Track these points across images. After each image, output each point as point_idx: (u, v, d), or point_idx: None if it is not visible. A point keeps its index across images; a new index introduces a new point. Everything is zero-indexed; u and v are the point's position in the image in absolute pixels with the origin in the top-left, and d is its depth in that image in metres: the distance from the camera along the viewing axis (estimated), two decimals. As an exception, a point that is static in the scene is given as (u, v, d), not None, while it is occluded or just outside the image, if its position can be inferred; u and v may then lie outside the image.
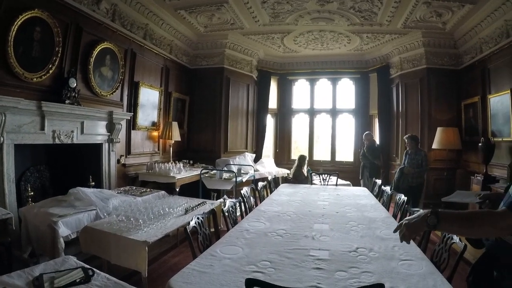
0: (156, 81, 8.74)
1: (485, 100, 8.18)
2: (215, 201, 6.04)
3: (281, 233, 3.63)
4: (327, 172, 8.64)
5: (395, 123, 11.09)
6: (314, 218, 4.41)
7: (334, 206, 5.25)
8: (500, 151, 7.51)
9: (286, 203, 5.34)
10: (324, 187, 7.66)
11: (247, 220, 4.12)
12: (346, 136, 12.83)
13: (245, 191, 5.24)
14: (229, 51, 10.33)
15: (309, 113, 12.76)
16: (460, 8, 7.50)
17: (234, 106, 10.79)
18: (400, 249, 3.20)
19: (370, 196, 6.35)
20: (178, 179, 7.48)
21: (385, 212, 4.94)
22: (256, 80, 11.75)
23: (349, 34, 9.58)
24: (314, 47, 10.89)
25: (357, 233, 3.76)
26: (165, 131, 8.73)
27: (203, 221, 3.41)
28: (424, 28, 8.91)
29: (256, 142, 11.90)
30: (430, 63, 9.65)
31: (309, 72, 12.42)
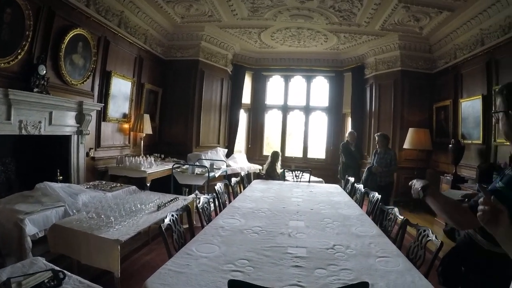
0: (129, 71, 8.48)
1: (457, 104, 8.57)
2: (187, 197, 5.88)
3: (257, 230, 3.55)
4: (299, 169, 8.63)
5: (367, 123, 11.27)
6: (289, 215, 4.37)
7: (308, 203, 5.23)
8: (469, 152, 7.84)
9: (260, 199, 5.28)
10: (297, 183, 7.65)
11: (222, 217, 4.02)
12: (318, 134, 12.86)
13: (219, 187, 5.13)
14: (205, 44, 10.16)
15: (282, 110, 12.73)
16: (438, 14, 7.82)
17: (207, 100, 10.63)
18: (376, 246, 3.24)
19: (343, 193, 6.39)
20: (149, 173, 7.31)
21: (359, 210, 4.96)
22: (230, 74, 11.64)
23: (327, 33, 9.59)
24: (290, 44, 10.86)
25: (333, 230, 3.74)
26: (136, 124, 8.50)
27: (178, 218, 3.30)
28: (401, 32, 9.08)
29: (229, 137, 11.79)
30: (404, 65, 9.89)
31: (284, 68, 12.39)
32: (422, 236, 3.13)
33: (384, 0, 7.30)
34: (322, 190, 6.67)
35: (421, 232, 3.17)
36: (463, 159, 7.84)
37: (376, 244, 3.30)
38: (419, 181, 2.34)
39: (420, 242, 3.11)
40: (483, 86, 7.50)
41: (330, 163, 12.28)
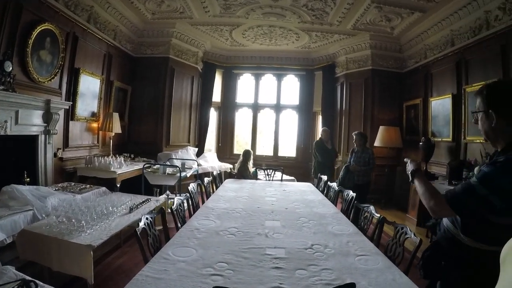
0: (98, 68, 8.23)
1: (427, 103, 8.84)
2: (159, 198, 5.76)
3: (233, 232, 3.48)
4: (271, 168, 8.62)
5: (338, 121, 11.37)
6: (264, 214, 4.31)
7: (283, 202, 5.19)
8: (439, 150, 8.07)
9: (233, 199, 5.20)
10: (269, 182, 7.62)
11: (196, 218, 3.92)
12: (289, 132, 12.93)
13: (192, 187, 4.99)
14: (175, 41, 10.02)
15: (253, 108, 12.72)
16: (409, 15, 8.00)
17: (177, 98, 10.49)
18: (354, 245, 3.23)
19: (316, 192, 6.38)
20: (119, 174, 7.13)
21: (333, 208, 4.95)
22: (201, 72, 11.52)
23: (299, 31, 9.60)
24: (262, 42, 10.84)
25: (310, 230, 3.71)
26: (105, 123, 8.27)
27: (152, 221, 3.19)
28: (372, 31, 9.21)
29: (199, 136, 11.68)
30: (375, 64, 10.06)
31: (255, 66, 12.37)
32: (400, 233, 3.14)
33: (357, 0, 7.36)
34: (295, 188, 6.64)
35: (399, 229, 3.19)
36: (433, 156, 8.03)
37: (354, 242, 3.29)
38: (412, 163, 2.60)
39: (398, 240, 3.11)
40: (453, 86, 7.71)
41: (301, 161, 12.40)
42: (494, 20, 6.36)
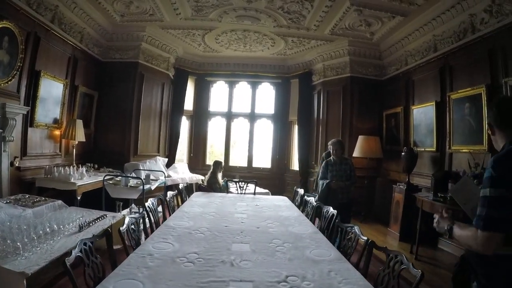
0: (62, 72, 7.64)
1: (408, 111, 8.67)
2: (116, 214, 5.17)
3: (192, 259, 2.91)
4: (244, 180, 8.05)
5: (315, 130, 11.11)
6: (232, 235, 3.75)
7: (254, 220, 4.65)
8: (422, 160, 7.81)
9: (199, 216, 4.63)
10: (241, 196, 7.04)
11: (152, 240, 3.34)
12: (264, 142, 12.63)
13: (151, 203, 4.40)
14: (145, 45, 9.53)
15: (226, 117, 12.38)
16: (390, 19, 7.80)
17: (147, 106, 9.95)
18: (337, 275, 2.73)
19: (292, 207, 5.89)
20: (79, 185, 6.54)
21: (311, 227, 4.45)
22: (172, 79, 11.05)
23: (274, 36, 9.33)
24: (236, 48, 10.50)
25: (284, 255, 3.18)
26: (68, 130, 7.67)
27: (92, 247, 2.63)
28: (351, 37, 9.04)
29: (169, 146, 11.18)
30: (354, 72, 9.88)
31: (229, 74, 12.04)
32: (394, 262, 2.68)
33: (335, 3, 7.12)
34: (269, 203, 6.13)
35: (392, 257, 2.73)
36: (416, 167, 7.71)
37: (337, 271, 2.79)
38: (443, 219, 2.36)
39: (392, 270, 2.65)
40: (437, 93, 7.54)
41: (276, 172, 12.13)
42: (480, 24, 6.22)
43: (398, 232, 7.48)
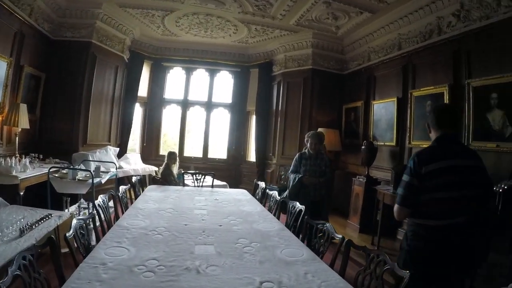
0: (5, 49, 6.83)
1: (369, 106, 8.86)
2: (63, 213, 4.49)
3: (152, 267, 2.55)
4: (201, 172, 7.66)
5: (273, 121, 10.99)
6: (193, 236, 3.40)
7: (215, 216, 4.34)
8: (381, 154, 8.00)
9: (155, 213, 4.23)
10: (198, 189, 6.66)
11: (104, 245, 2.90)
12: (220, 132, 12.36)
13: (101, 200, 3.90)
14: (100, 24, 8.79)
15: (182, 105, 11.94)
16: (358, 15, 7.84)
17: (98, 90, 9.20)
18: (315, 277, 2.54)
19: (253, 201, 5.63)
20: (22, 179, 5.77)
21: (277, 223, 4.20)
22: (127, 62, 10.38)
23: (238, 23, 9.03)
24: (196, 33, 10.09)
25: (254, 258, 2.90)
26: (10, 115, 6.87)
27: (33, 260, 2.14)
28: (316, 29, 9.02)
29: (121, 134, 10.52)
30: (316, 64, 9.87)
31: (187, 60, 11.55)
32: (376, 263, 2.55)
33: None
34: (229, 197, 5.83)
35: (374, 257, 2.59)
36: (376, 160, 7.85)
37: (314, 273, 2.60)
38: None
39: (375, 271, 2.51)
40: (398, 89, 7.73)
41: (232, 163, 11.93)
42: (446, 26, 6.46)
43: (358, 224, 7.62)
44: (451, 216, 2.82)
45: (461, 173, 2.86)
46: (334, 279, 2.53)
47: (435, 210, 2.85)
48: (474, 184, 2.88)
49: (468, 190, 2.84)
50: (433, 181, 2.82)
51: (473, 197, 2.86)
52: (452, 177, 2.83)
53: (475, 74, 5.87)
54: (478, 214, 2.94)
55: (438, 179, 2.82)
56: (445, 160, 2.87)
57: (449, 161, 2.88)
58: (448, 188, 2.81)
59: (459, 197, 2.81)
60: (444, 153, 2.94)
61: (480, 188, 2.93)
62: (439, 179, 2.82)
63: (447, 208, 2.82)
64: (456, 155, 2.94)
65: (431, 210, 2.85)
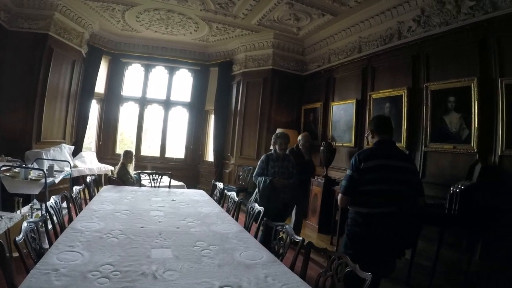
0: None
1: (328, 107, 9.02)
2: (15, 214, 4.21)
3: (107, 272, 2.44)
4: (158, 172, 7.45)
5: (232, 121, 10.97)
6: (150, 239, 3.29)
7: (173, 218, 4.24)
8: (340, 155, 8.16)
9: (110, 215, 4.09)
10: (155, 190, 6.50)
11: (57, 249, 2.76)
12: (178, 131, 12.29)
13: (54, 202, 3.73)
14: (59, 16, 8.46)
15: (140, 103, 11.71)
16: (320, 17, 7.97)
17: (54, 85, 8.81)
18: (275, 280, 2.53)
19: (211, 202, 5.57)
20: (-29, 179, 5.43)
21: (235, 224, 4.16)
22: (84, 57, 10.03)
23: (199, 20, 8.95)
24: (157, 29, 9.92)
25: (212, 261, 2.84)
26: None
27: None
28: (278, 30, 9.09)
29: (77, 132, 10.14)
30: (276, 65, 9.94)
31: (146, 56, 11.35)
32: (338, 264, 2.57)
33: None
34: (186, 198, 5.74)
35: (335, 259, 2.61)
36: (334, 161, 7.94)
37: (274, 276, 2.58)
38: None
39: (336, 273, 2.54)
40: (358, 91, 7.92)
41: (190, 163, 11.87)
42: (407, 31, 6.71)
43: (317, 224, 7.66)
44: (383, 206, 3.45)
45: (391, 171, 3.50)
46: (295, 281, 2.52)
47: (370, 200, 3.48)
48: (403, 182, 3.53)
49: (397, 185, 3.50)
50: (369, 176, 3.48)
51: (401, 192, 3.51)
52: (383, 174, 3.48)
53: (433, 78, 6.14)
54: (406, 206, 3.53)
55: (372, 174, 3.47)
56: (379, 159, 3.53)
57: (382, 160, 3.54)
58: (380, 182, 3.47)
59: (389, 190, 3.47)
60: (380, 153, 3.59)
61: (408, 185, 3.57)
62: (373, 174, 3.47)
63: (380, 198, 3.46)
64: (389, 156, 3.59)
65: (367, 200, 3.49)
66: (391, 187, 3.49)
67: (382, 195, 3.47)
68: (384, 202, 3.46)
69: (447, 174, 5.79)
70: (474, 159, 5.26)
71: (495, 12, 5.17)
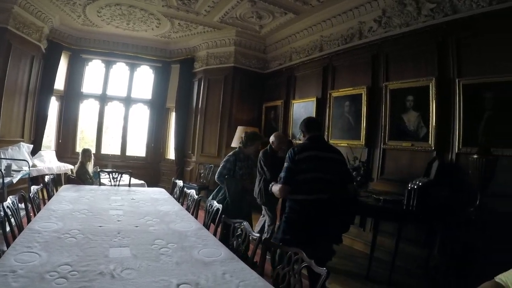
0: None
1: (288, 104, 9.16)
2: None
3: (65, 273, 2.40)
4: (118, 170, 7.38)
5: (193, 119, 10.94)
6: (108, 238, 3.27)
7: (132, 217, 4.21)
8: None
9: (69, 215, 4.02)
10: (115, 189, 6.43)
11: (14, 251, 2.69)
12: (139, 129, 12.18)
13: (11, 202, 3.58)
14: (18, 10, 8.16)
15: (100, 100, 11.48)
16: (282, 15, 8.07)
17: (12, 81, 8.53)
18: (233, 277, 2.52)
19: (171, 200, 5.55)
20: None
21: (194, 222, 4.16)
22: (44, 52, 9.74)
23: (161, 17, 8.87)
24: (118, 25, 9.74)
25: (170, 259, 2.84)
26: None
27: None
28: (240, 27, 9.14)
29: (36, 130, 9.83)
30: (237, 62, 9.97)
31: (107, 52, 11.14)
32: (294, 260, 2.58)
33: None
34: (146, 196, 5.70)
35: (291, 255, 2.61)
36: None
37: (232, 273, 2.59)
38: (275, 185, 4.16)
39: (293, 268, 2.55)
40: (318, 90, 8.09)
41: (151, 161, 11.79)
42: (368, 31, 6.89)
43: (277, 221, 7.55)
44: (316, 192, 3.84)
45: (321, 161, 3.92)
46: (252, 278, 2.54)
47: (305, 187, 3.84)
48: (333, 171, 3.96)
49: (328, 174, 3.91)
50: (303, 166, 3.84)
51: (332, 180, 3.93)
52: (315, 163, 3.88)
53: (392, 77, 6.37)
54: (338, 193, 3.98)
55: (306, 164, 3.85)
56: (310, 151, 3.93)
57: (312, 151, 3.94)
58: (312, 171, 3.86)
59: (321, 178, 3.87)
60: (311, 146, 4.01)
61: (338, 174, 4.02)
62: (306, 164, 3.85)
63: (313, 185, 3.84)
64: (319, 149, 4.02)
65: (302, 188, 3.84)
66: (323, 175, 3.90)
67: (315, 183, 3.86)
68: (317, 189, 3.86)
69: (405, 171, 5.98)
70: (431, 156, 5.48)
71: (455, 15, 5.41)
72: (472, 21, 5.20)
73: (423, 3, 5.87)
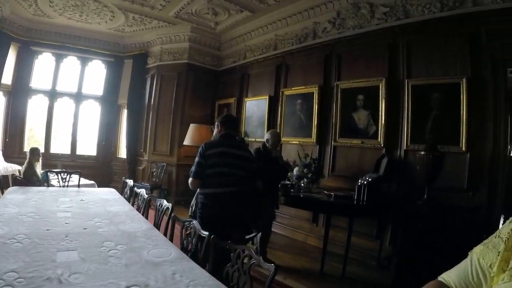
0: None
1: (241, 102, 9.25)
2: None
3: (10, 280, 2.28)
4: (67, 170, 7.11)
5: (145, 116, 10.74)
6: (55, 242, 3.14)
7: (80, 219, 4.08)
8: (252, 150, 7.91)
9: (14, 219, 3.83)
10: (64, 190, 6.17)
11: None
12: (90, 126, 11.75)
13: None
14: None
15: (49, 96, 10.97)
16: (238, 13, 8.11)
17: None
18: (183, 276, 2.49)
19: (121, 200, 5.45)
20: None
21: (145, 222, 4.10)
22: (-9, 44, 9.22)
23: (115, 9, 8.59)
24: (71, 16, 9.29)
25: (119, 261, 2.77)
26: None
27: None
28: (195, 23, 9.10)
29: None
30: (191, 59, 9.92)
31: (58, 45, 10.61)
32: (242, 258, 2.57)
33: None
34: (96, 197, 5.54)
35: (240, 252, 2.61)
36: None
37: (182, 273, 2.55)
38: None
39: (242, 266, 2.54)
40: (271, 88, 8.25)
41: (102, 160, 11.46)
42: (322, 32, 7.08)
43: None
44: (224, 186, 3.99)
45: (230, 157, 4.10)
46: (203, 277, 2.52)
47: (213, 181, 4.00)
48: (241, 167, 4.14)
49: (237, 170, 4.09)
50: (212, 160, 4.01)
51: (240, 175, 4.11)
52: (224, 159, 4.05)
53: (344, 77, 6.62)
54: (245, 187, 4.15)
55: (215, 159, 4.02)
56: (220, 147, 4.10)
57: (222, 148, 4.10)
58: (221, 166, 4.02)
59: (229, 173, 4.03)
60: (222, 143, 4.17)
61: (246, 170, 4.18)
62: (216, 159, 4.02)
63: (221, 179, 4.00)
64: (229, 146, 4.18)
65: (211, 182, 4.01)
66: (231, 170, 4.07)
67: (223, 177, 4.02)
68: (225, 183, 4.01)
69: (355, 167, 6.19)
70: (381, 153, 5.70)
71: (407, 19, 5.68)
72: (423, 26, 5.48)
73: (377, 6, 6.08)
